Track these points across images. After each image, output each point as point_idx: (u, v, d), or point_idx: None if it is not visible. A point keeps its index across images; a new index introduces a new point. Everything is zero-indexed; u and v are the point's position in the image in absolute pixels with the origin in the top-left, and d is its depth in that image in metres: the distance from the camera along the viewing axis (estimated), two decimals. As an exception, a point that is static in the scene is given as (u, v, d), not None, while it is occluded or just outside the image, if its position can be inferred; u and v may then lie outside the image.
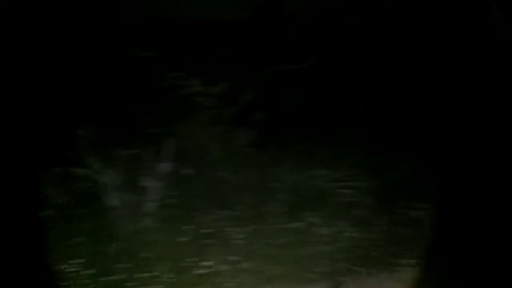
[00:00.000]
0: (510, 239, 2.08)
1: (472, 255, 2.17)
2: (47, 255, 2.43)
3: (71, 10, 3.77)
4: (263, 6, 4.18)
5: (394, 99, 3.58)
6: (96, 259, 3.00)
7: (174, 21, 4.20)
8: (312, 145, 3.58)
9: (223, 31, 4.21)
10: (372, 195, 3.37)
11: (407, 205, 3.36)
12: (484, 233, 2.11)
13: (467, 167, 2.23)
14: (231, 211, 3.34)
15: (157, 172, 3.27)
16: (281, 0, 4.15)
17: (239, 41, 4.10)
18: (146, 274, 2.99)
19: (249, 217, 3.33)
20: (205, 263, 3.05)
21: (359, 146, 3.51)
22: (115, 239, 3.10)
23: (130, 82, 3.64)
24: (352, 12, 3.75)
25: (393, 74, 3.56)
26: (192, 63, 3.83)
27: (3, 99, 3.15)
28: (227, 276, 3.02)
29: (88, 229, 3.10)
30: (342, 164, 3.49)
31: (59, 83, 3.52)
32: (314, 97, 3.82)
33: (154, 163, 3.28)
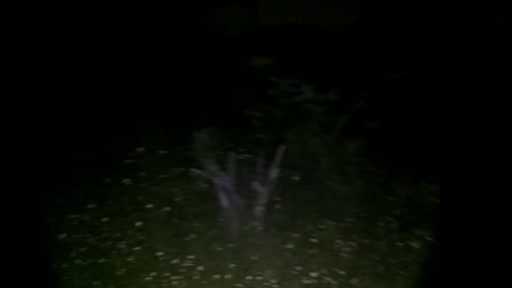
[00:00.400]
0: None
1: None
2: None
3: (190, 22, 3.93)
4: (373, 11, 3.98)
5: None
6: (206, 257, 3.05)
7: (286, 28, 4.16)
8: (429, 157, 3.29)
9: (335, 36, 4.07)
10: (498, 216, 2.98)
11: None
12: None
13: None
14: (339, 222, 3.18)
15: (267, 177, 3.23)
16: (391, 5, 3.92)
17: (351, 46, 3.93)
18: (252, 277, 2.97)
19: (358, 230, 3.14)
20: (310, 274, 2.94)
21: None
22: (224, 239, 3.13)
23: (245, 88, 3.67)
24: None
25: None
26: (304, 70, 3.76)
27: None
28: (333, 290, 2.88)
29: (200, 228, 3.17)
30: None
31: (182, 90, 3.68)
32: (428, 106, 3.53)
33: (264, 168, 3.25)
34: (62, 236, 3.02)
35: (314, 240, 3.08)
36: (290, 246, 3.04)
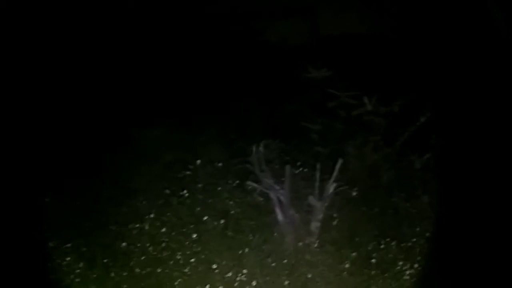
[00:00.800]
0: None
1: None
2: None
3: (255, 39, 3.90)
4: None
5: None
6: (260, 271, 2.94)
7: (347, 37, 3.99)
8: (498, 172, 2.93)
9: (399, 45, 3.83)
10: None
11: None
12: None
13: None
14: (402, 242, 2.93)
15: (324, 192, 3.07)
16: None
17: (415, 55, 3.67)
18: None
19: (423, 251, 2.86)
20: (371, 297, 2.73)
21: None
22: (278, 254, 3.01)
23: (304, 101, 3.55)
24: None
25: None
26: (366, 80, 3.56)
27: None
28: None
29: (255, 241, 3.07)
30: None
31: (240, 102, 3.64)
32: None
33: (321, 182, 3.09)
34: (123, 244, 3.06)
35: (374, 261, 2.85)
36: (347, 265, 2.85)
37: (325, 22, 4.08)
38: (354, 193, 3.11)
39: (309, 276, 2.85)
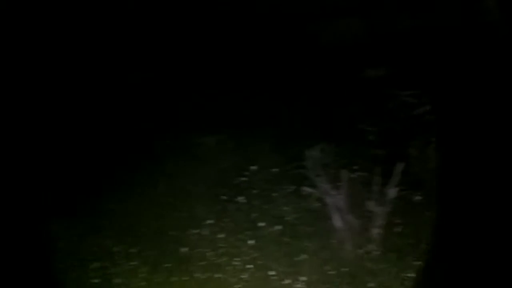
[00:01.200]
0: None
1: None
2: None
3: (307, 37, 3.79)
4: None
5: None
6: (319, 279, 2.83)
7: (405, 34, 3.76)
8: None
9: (461, 38, 3.53)
10: None
11: None
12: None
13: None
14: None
15: (384, 197, 2.89)
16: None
17: (478, 47, 3.35)
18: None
19: (491, 258, 2.59)
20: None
21: None
22: (337, 261, 2.87)
23: (361, 102, 3.38)
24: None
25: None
26: (426, 78, 3.32)
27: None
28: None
29: (312, 248, 2.96)
30: None
31: (295, 105, 3.54)
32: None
33: (381, 186, 2.91)
34: (184, 249, 3.09)
35: (440, 270, 2.62)
36: (411, 274, 2.64)
37: (380, 21, 3.89)
38: (417, 198, 2.89)
39: (371, 285, 2.69)
